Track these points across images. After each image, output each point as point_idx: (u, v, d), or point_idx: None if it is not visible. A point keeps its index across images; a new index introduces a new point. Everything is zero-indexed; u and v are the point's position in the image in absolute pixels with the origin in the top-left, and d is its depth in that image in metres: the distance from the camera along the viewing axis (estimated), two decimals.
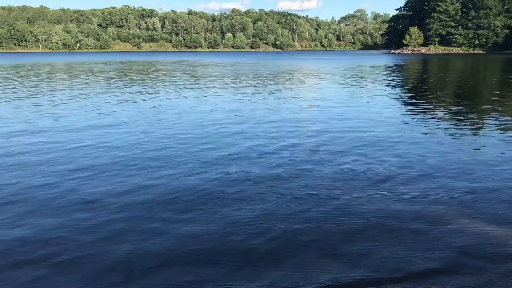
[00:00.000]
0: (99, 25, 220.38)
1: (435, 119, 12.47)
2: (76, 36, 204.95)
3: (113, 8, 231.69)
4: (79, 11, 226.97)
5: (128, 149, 8.88)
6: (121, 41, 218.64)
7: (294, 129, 11.13)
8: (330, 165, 7.53)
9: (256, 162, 7.79)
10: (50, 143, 9.55)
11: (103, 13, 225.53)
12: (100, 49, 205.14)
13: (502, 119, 12.47)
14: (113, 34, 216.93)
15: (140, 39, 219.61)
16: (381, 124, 11.58)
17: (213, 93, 20.20)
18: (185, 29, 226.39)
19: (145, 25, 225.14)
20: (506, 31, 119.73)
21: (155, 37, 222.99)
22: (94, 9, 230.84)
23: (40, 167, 7.60)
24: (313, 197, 5.99)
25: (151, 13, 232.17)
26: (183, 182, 6.71)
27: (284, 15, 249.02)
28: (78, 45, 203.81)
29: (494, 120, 12.37)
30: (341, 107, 15.14)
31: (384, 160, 7.85)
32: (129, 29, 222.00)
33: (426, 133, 10.44)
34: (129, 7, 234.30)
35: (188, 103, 16.80)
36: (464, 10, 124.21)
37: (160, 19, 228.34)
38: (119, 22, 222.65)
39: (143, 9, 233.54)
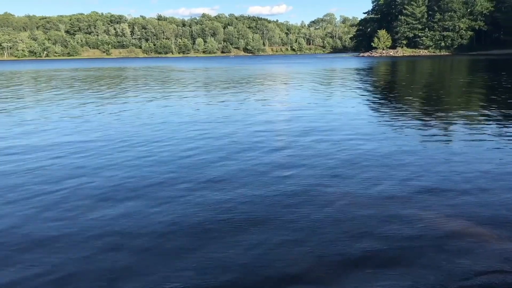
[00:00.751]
0: (67, 31, 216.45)
1: (415, 128, 12.44)
2: (43, 43, 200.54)
3: (81, 14, 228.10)
4: (45, 17, 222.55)
5: (103, 170, 8.22)
6: (90, 47, 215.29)
7: (281, 140, 10.80)
8: (323, 183, 7.18)
9: (245, 183, 7.29)
10: (21, 161, 9.01)
11: (70, 20, 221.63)
12: (68, 56, 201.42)
13: (473, 123, 12.73)
14: (81, 40, 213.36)
15: (109, 46, 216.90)
16: (367, 135, 11.23)
17: (189, 101, 19.80)
18: (155, 35, 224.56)
19: (114, 31, 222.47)
20: (470, 33, 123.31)
21: (124, 43, 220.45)
22: (61, 15, 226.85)
23: (6, 194, 7.11)
24: (312, 222, 5.61)
25: (120, 19, 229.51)
26: (171, 209, 6.16)
27: (254, 20, 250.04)
28: (45, 53, 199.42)
29: (467, 123, 12.57)
30: (323, 115, 14.71)
31: (376, 176, 7.53)
32: (97, 35, 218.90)
33: (407, 144, 10.41)
34: (97, 13, 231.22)
35: (164, 112, 16.30)
36: (430, 13, 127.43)
37: (129, 25, 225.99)
38: (87, 28, 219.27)
39: (112, 15, 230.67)
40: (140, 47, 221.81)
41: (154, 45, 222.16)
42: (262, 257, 4.72)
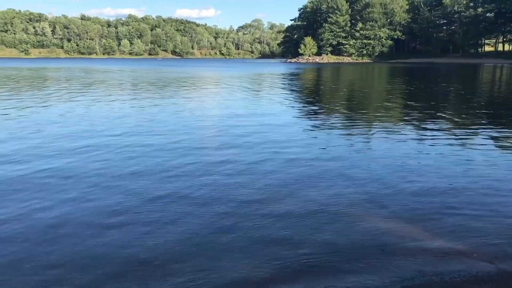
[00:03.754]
0: None
1: (341, 133, 13.02)
2: None
3: None
4: None
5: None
6: (6, 46, 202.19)
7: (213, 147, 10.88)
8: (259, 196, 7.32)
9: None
10: None
11: None
12: None
13: (394, 127, 13.54)
14: None
15: (28, 45, 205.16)
16: (293, 141, 11.32)
17: (118, 103, 19.32)
18: (78, 35, 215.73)
19: (34, 30, 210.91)
20: (390, 42, 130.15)
21: (44, 42, 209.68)
22: None
23: None
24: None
25: (39, 18, 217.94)
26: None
27: (182, 23, 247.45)
28: None
29: (389, 128, 13.33)
30: (252, 121, 14.70)
31: (304, 184, 7.63)
32: (14, 33, 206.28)
33: (333, 149, 10.89)
34: (14, 10, 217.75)
35: (95, 119, 15.84)
36: (353, 21, 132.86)
37: (50, 24, 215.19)
38: (3, 26, 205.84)
39: (31, 13, 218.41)
40: (62, 47, 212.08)
41: (77, 45, 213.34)
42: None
